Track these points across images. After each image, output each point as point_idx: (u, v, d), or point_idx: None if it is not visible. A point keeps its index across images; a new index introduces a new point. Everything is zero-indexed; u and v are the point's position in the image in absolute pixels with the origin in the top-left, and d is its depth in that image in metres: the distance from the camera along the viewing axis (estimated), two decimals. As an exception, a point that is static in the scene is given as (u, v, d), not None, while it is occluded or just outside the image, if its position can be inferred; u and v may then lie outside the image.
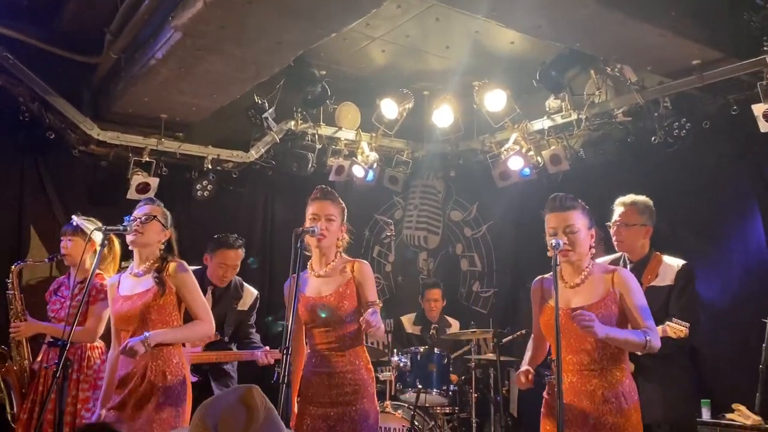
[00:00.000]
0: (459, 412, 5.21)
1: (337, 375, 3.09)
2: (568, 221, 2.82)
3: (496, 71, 5.61)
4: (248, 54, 3.97)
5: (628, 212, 3.58)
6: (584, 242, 2.84)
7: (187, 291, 3.23)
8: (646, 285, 3.47)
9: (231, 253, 4.30)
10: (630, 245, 3.58)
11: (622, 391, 2.77)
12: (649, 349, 2.71)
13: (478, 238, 6.77)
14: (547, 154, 5.66)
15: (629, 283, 2.85)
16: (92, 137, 5.00)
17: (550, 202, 2.90)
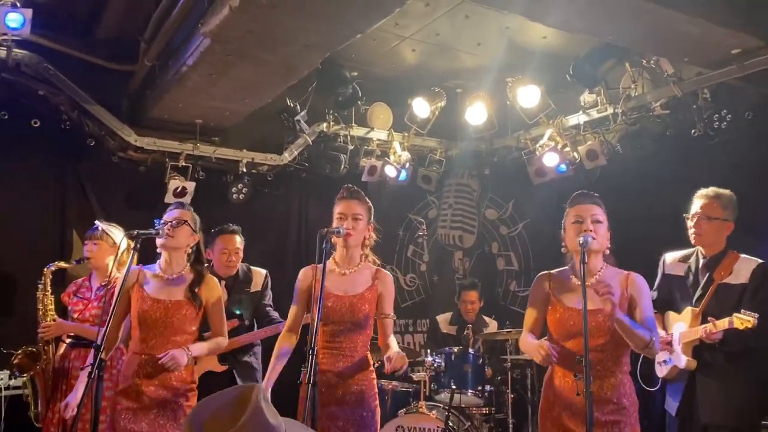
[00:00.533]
0: (496, 412, 5.15)
1: (344, 375, 3.09)
2: (593, 211, 2.86)
3: (529, 67, 5.53)
4: (276, 58, 4.01)
5: (711, 205, 3.44)
6: (605, 236, 2.85)
7: (216, 307, 3.37)
8: (717, 281, 3.38)
9: (227, 237, 4.34)
10: (709, 240, 3.45)
11: (624, 392, 2.81)
12: (650, 349, 2.75)
13: (514, 237, 6.69)
14: (584, 150, 5.55)
15: (642, 289, 2.87)
16: (130, 143, 5.13)
17: (576, 197, 2.96)
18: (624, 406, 2.79)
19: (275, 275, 5.69)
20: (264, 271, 4.57)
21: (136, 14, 4.55)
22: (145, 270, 3.32)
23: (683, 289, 3.50)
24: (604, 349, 2.78)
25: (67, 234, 5.07)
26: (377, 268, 3.26)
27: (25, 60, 4.55)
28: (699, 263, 3.51)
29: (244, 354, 4.30)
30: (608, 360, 2.80)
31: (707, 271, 3.45)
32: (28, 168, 5.02)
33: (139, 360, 3.20)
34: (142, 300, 3.23)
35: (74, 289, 4.03)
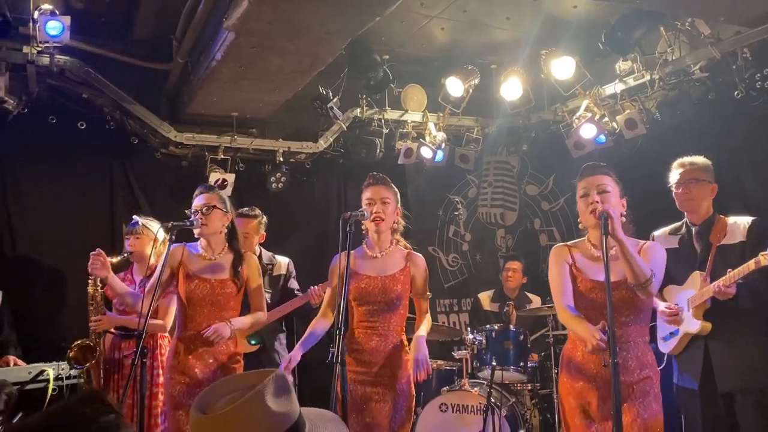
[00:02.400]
0: (540, 388, 5.14)
1: (377, 354, 3.19)
2: (600, 181, 2.84)
3: (562, 38, 5.41)
4: (299, 47, 4.08)
5: (693, 170, 3.45)
6: (616, 205, 2.80)
7: (254, 282, 3.55)
8: (715, 245, 3.36)
9: (241, 221, 4.38)
10: (698, 203, 3.43)
11: (647, 362, 2.80)
12: (647, 287, 2.67)
13: (556, 212, 6.60)
14: (622, 119, 5.41)
15: (654, 258, 2.82)
16: (171, 139, 5.32)
17: (582, 169, 2.97)
18: (648, 375, 2.79)
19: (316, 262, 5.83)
20: (287, 259, 4.67)
21: (168, 14, 4.69)
22: (188, 249, 3.49)
23: (680, 260, 3.44)
24: (627, 321, 2.77)
25: (116, 229, 5.31)
26: (408, 250, 3.38)
27: (67, 65, 4.77)
28: (692, 232, 3.47)
29: (272, 339, 4.41)
30: (632, 332, 2.78)
31: (701, 238, 3.42)
32: (77, 168, 5.27)
33: (188, 337, 3.39)
34: (189, 279, 3.41)
35: None
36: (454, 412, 4.73)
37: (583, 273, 2.87)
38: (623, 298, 2.76)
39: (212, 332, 3.30)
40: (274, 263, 4.58)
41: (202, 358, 3.36)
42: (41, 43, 4.35)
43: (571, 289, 2.91)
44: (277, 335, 4.50)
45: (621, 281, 2.75)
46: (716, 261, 3.32)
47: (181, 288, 3.44)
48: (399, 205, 3.38)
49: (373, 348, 3.20)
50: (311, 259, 5.81)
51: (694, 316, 3.31)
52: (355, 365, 3.19)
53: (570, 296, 2.91)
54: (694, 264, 3.41)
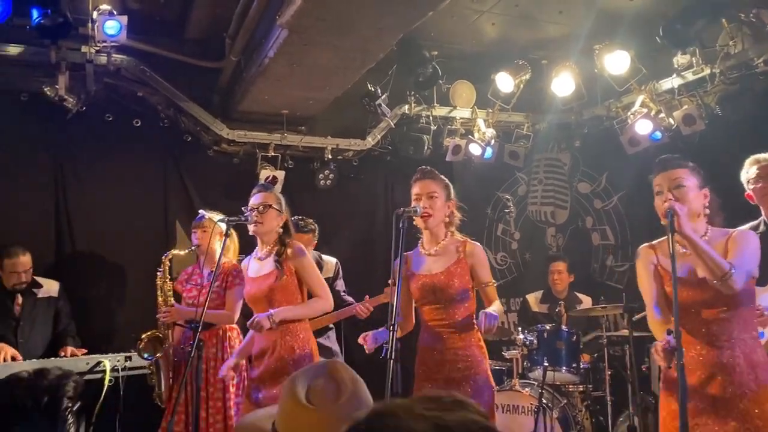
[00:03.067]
0: (593, 390, 5.03)
1: (449, 351, 3.12)
2: (674, 176, 2.65)
3: (616, 32, 5.27)
4: (351, 43, 4.07)
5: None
6: (695, 200, 2.64)
7: (305, 271, 3.51)
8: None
9: (303, 236, 4.45)
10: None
11: (757, 360, 2.56)
12: (725, 280, 2.47)
13: (609, 210, 6.45)
14: (680, 115, 5.25)
15: (741, 245, 2.61)
16: (223, 137, 5.38)
17: (656, 164, 2.76)
18: (758, 376, 2.54)
19: (364, 259, 5.85)
20: (334, 260, 4.69)
21: (221, 12, 4.74)
22: (250, 258, 3.61)
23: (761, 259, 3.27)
24: (726, 316, 2.57)
25: (170, 224, 5.42)
26: (464, 240, 3.24)
27: (123, 64, 4.87)
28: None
29: (319, 336, 4.43)
30: (733, 328, 2.57)
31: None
32: (133, 165, 5.39)
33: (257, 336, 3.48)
34: (246, 283, 3.58)
35: (186, 277, 4.30)
36: (505, 412, 4.67)
37: (669, 272, 2.72)
38: (717, 293, 2.57)
39: (250, 322, 3.36)
40: (321, 265, 4.59)
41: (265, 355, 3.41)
42: (99, 42, 4.45)
43: (656, 291, 2.76)
44: (326, 332, 4.52)
45: (704, 277, 2.58)
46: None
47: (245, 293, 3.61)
48: (451, 198, 3.28)
49: (444, 346, 3.14)
50: (358, 256, 5.83)
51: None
52: (429, 363, 3.15)
53: (655, 298, 2.77)
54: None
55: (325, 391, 1.54)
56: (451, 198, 3.29)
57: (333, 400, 1.52)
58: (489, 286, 3.24)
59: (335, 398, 1.52)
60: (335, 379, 1.57)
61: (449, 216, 3.27)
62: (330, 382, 1.56)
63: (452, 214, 3.28)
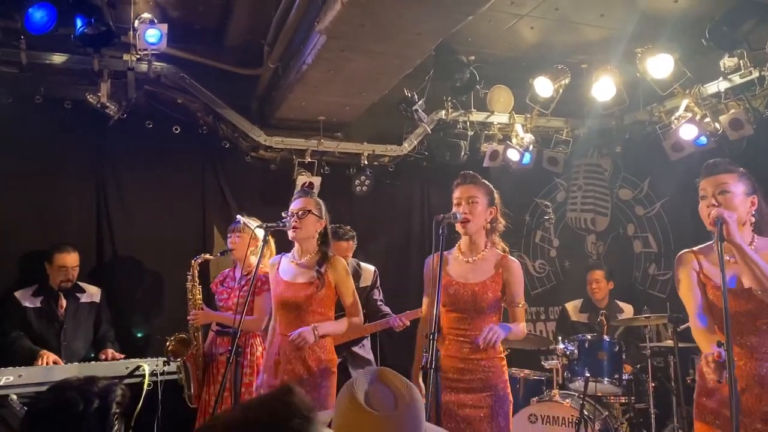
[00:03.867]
0: (635, 402, 4.89)
1: (470, 361, 3.08)
2: (720, 181, 2.58)
3: (659, 35, 5.15)
4: (389, 49, 4.04)
5: None
6: (740, 206, 2.55)
7: (344, 287, 3.50)
8: None
9: (342, 244, 4.44)
10: None
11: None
12: None
13: (651, 217, 6.29)
14: (726, 119, 5.10)
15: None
16: (260, 143, 5.41)
17: (703, 168, 2.69)
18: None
19: (400, 265, 5.81)
20: (373, 267, 4.66)
21: (260, 20, 4.77)
22: (283, 257, 3.56)
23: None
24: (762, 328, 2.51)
25: (207, 230, 5.47)
26: (504, 254, 3.19)
27: (164, 71, 4.94)
28: None
29: (354, 345, 4.40)
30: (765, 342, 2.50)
31: None
32: (172, 171, 5.46)
33: (280, 340, 3.44)
34: (277, 284, 3.49)
35: (221, 279, 4.34)
36: (544, 423, 4.57)
37: (712, 280, 2.65)
38: (750, 304, 2.51)
39: (297, 336, 3.29)
40: (360, 273, 4.57)
41: (291, 363, 3.37)
42: (140, 50, 4.51)
43: (701, 299, 2.67)
44: (361, 341, 4.49)
45: (749, 288, 2.52)
46: None
47: (272, 294, 3.53)
48: (494, 204, 3.21)
49: (464, 356, 3.10)
50: (394, 262, 5.79)
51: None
52: (449, 372, 3.10)
53: (700, 306, 2.68)
54: None
55: (384, 396, 1.59)
56: (494, 204, 3.23)
57: (393, 406, 1.57)
58: (519, 307, 3.17)
59: (394, 404, 1.57)
60: (389, 385, 1.62)
61: (491, 222, 3.21)
62: (386, 388, 1.61)
63: (495, 220, 3.22)
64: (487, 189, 3.22)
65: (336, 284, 3.47)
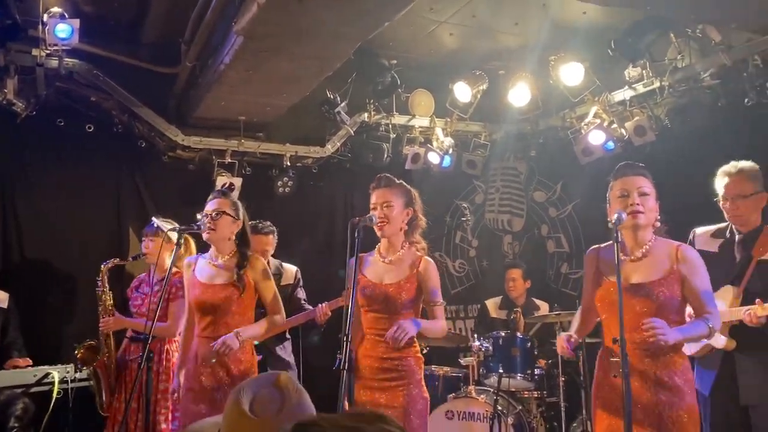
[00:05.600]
0: (547, 396, 5.10)
1: (386, 360, 3.13)
2: (639, 183, 2.76)
3: (571, 44, 5.39)
4: (308, 51, 4.06)
5: (741, 182, 3.23)
6: (653, 209, 2.75)
7: (264, 286, 3.47)
8: (756, 257, 3.21)
9: (261, 238, 4.41)
10: (746, 218, 3.26)
11: (676, 371, 2.69)
12: (711, 336, 2.67)
13: (564, 218, 6.57)
14: (631, 126, 5.39)
15: (695, 263, 2.75)
16: (178, 143, 5.32)
17: (621, 168, 2.86)
18: (676, 384, 2.68)
19: (323, 267, 5.83)
20: (295, 267, 4.65)
21: (177, 17, 4.68)
22: (199, 258, 3.50)
23: (717, 266, 3.32)
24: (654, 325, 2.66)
25: (123, 232, 5.32)
26: (421, 255, 3.23)
27: (76, 68, 4.78)
28: (735, 239, 3.31)
29: (275, 345, 4.39)
30: None
31: (744, 248, 3.26)
32: (85, 171, 5.29)
33: (198, 343, 3.38)
34: (193, 285, 3.41)
35: (136, 285, 4.24)
36: (461, 419, 4.71)
37: (603, 275, 2.83)
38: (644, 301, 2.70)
39: (220, 345, 3.23)
40: (282, 272, 4.56)
41: (211, 367, 3.32)
42: (50, 45, 4.34)
43: (591, 294, 2.89)
44: (282, 342, 4.48)
45: (644, 283, 2.71)
46: (754, 277, 3.17)
47: (189, 296, 3.45)
48: (412, 205, 3.25)
49: (380, 355, 3.14)
50: (317, 264, 5.80)
51: (720, 331, 3.22)
52: (366, 372, 3.15)
53: (587, 301, 2.92)
54: (730, 273, 3.26)
55: (270, 401, 1.55)
56: (412, 205, 3.26)
57: (276, 411, 1.53)
58: (437, 306, 3.24)
59: (278, 409, 1.53)
60: (280, 389, 1.58)
61: (409, 223, 3.25)
62: (275, 392, 1.58)
63: (414, 219, 3.25)
64: (403, 190, 3.26)
65: (256, 284, 3.44)
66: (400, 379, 3.13)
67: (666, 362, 2.71)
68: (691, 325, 2.71)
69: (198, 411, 3.28)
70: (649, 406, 2.67)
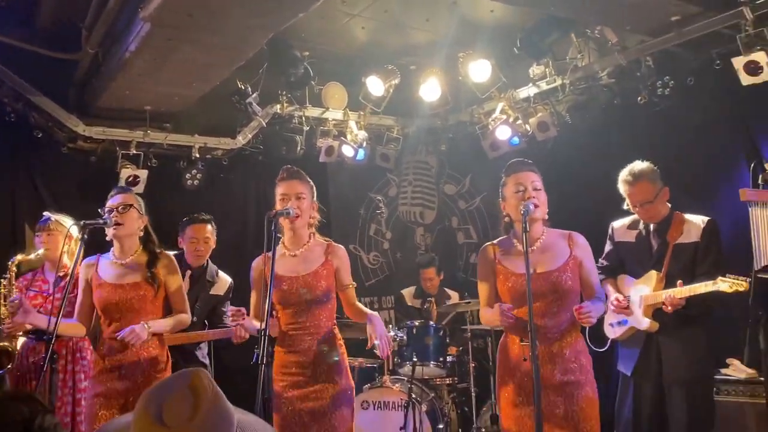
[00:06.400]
0: (458, 382, 5.26)
1: (311, 353, 3.13)
2: (532, 178, 2.94)
3: (479, 41, 5.55)
4: (219, 40, 3.97)
5: (642, 189, 3.49)
6: (545, 203, 2.93)
7: (172, 281, 3.38)
8: (672, 243, 3.48)
9: (197, 226, 4.30)
10: (655, 214, 3.55)
11: (580, 349, 2.90)
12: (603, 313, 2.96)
13: (472, 210, 6.78)
14: (535, 122, 5.63)
15: (586, 249, 2.98)
16: (79, 133, 5.06)
17: (513, 165, 3.01)
18: (582, 364, 2.87)
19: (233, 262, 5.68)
20: (230, 280, 4.51)
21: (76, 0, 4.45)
22: (101, 258, 3.34)
23: (637, 255, 3.58)
24: (558, 310, 2.86)
25: (18, 227, 4.99)
26: (328, 242, 3.29)
27: (-37, 52, 4.44)
28: (650, 228, 3.59)
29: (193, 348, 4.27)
30: (563, 321, 2.86)
31: (659, 236, 3.55)
32: (-25, 163, 4.92)
33: (108, 345, 3.23)
34: (101, 287, 3.26)
35: (26, 284, 3.96)
36: (376, 409, 4.77)
37: (507, 269, 2.96)
38: (545, 289, 2.85)
39: (128, 333, 3.12)
40: (216, 281, 4.40)
41: (123, 367, 3.20)
42: (-66, 28, 4.02)
43: (493, 288, 3.03)
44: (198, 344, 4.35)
45: (550, 272, 2.87)
46: (673, 261, 3.43)
47: (95, 297, 3.29)
48: (314, 200, 3.29)
49: (306, 348, 3.13)
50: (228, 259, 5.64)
51: (644, 314, 3.44)
52: (292, 368, 3.13)
53: (491, 297, 3.05)
54: (650, 260, 3.51)
55: (182, 407, 1.43)
56: (314, 199, 3.30)
57: (188, 418, 1.41)
58: (350, 288, 3.30)
59: (191, 416, 1.41)
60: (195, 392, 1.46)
61: (312, 217, 3.28)
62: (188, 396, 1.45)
63: (315, 216, 3.29)
64: (310, 184, 3.29)
65: (165, 280, 3.35)
66: (328, 371, 3.14)
67: (572, 341, 2.89)
68: (594, 304, 2.88)
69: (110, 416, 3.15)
70: (560, 387, 2.82)
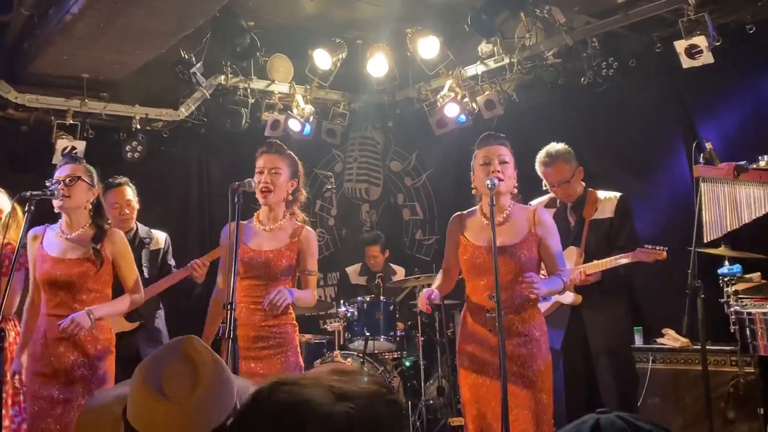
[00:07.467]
0: (407, 356, 5.34)
1: (263, 328, 3.12)
2: (500, 152, 2.98)
3: (428, 17, 5.54)
4: (170, 6, 3.81)
5: (558, 169, 3.71)
6: (512, 176, 2.97)
7: (124, 260, 3.27)
8: (588, 219, 3.68)
9: (116, 190, 4.07)
10: (572, 193, 3.77)
11: (534, 323, 2.98)
12: (565, 290, 3.05)
13: (418, 187, 6.83)
14: (482, 100, 5.69)
15: (550, 226, 3.05)
16: (9, 101, 4.77)
17: (483, 138, 3.06)
18: (535, 337, 2.96)
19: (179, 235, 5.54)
20: (164, 234, 4.38)
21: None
22: (47, 230, 3.19)
23: None
24: (514, 284, 2.93)
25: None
26: (301, 225, 3.26)
27: None
28: (567, 206, 3.82)
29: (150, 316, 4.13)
30: (518, 295, 2.93)
31: (575, 213, 3.78)
32: None
33: (47, 322, 3.09)
34: (43, 260, 3.12)
35: None
36: (327, 383, 4.77)
37: (469, 240, 3.02)
38: (507, 261, 2.92)
39: (69, 323, 2.99)
40: (151, 237, 4.26)
41: (63, 347, 3.06)
42: None
43: (453, 256, 3.10)
44: (156, 311, 4.21)
45: (508, 246, 2.93)
46: (591, 236, 3.65)
47: (37, 271, 3.14)
48: (297, 176, 3.25)
49: (257, 323, 3.11)
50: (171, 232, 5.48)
51: (568, 288, 3.60)
52: (242, 341, 3.05)
53: (448, 264, 3.15)
54: (569, 236, 3.69)
55: (183, 378, 1.37)
56: (297, 176, 3.26)
57: (191, 389, 1.36)
58: (311, 275, 3.28)
59: (193, 387, 1.36)
60: (193, 361, 1.40)
61: (292, 193, 3.24)
62: (187, 366, 1.39)
63: (297, 191, 3.26)
64: (292, 160, 3.24)
65: (114, 258, 3.22)
66: (278, 347, 3.13)
67: (526, 317, 2.97)
68: (551, 279, 2.98)
69: (50, 395, 3.04)
70: (514, 358, 2.91)
